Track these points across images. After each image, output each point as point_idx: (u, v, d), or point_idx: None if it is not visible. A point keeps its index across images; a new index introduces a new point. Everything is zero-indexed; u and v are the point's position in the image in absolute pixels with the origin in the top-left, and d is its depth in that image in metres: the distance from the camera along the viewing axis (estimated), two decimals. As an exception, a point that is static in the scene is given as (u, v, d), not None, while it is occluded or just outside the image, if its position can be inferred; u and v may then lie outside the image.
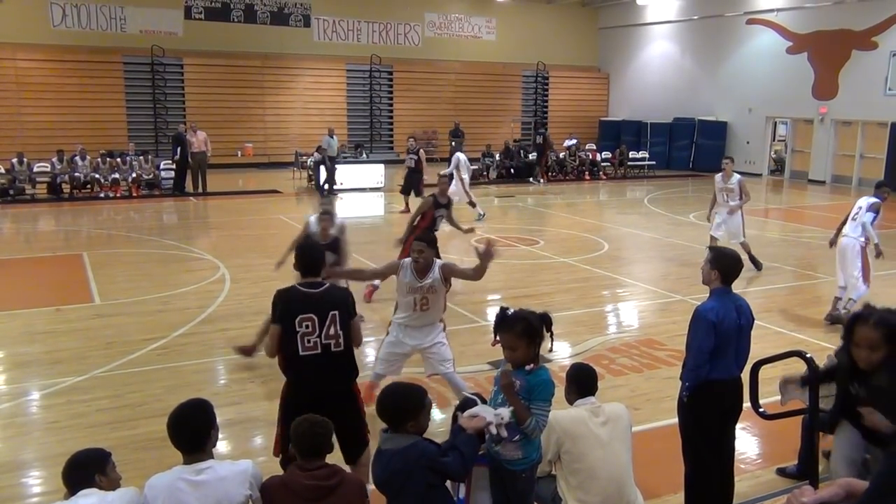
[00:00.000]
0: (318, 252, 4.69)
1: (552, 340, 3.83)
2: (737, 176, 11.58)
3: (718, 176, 11.77)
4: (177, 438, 3.20)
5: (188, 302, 9.58)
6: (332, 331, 4.23)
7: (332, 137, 21.24)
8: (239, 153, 26.14)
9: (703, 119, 27.72)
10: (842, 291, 9.04)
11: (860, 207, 8.99)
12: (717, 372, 4.38)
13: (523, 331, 3.63)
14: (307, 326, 4.19)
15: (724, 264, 4.47)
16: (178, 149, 19.98)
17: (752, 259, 11.42)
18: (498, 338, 3.74)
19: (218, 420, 3.37)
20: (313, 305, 4.24)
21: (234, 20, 26.33)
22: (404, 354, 5.94)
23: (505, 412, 3.46)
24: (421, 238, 5.74)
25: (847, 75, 23.20)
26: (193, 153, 20.04)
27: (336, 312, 4.25)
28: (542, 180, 24.02)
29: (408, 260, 5.68)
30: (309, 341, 4.19)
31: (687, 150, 28.20)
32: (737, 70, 26.86)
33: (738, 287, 4.59)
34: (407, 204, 17.30)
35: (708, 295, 4.53)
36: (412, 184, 17.54)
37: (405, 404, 3.32)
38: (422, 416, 3.33)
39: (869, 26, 22.32)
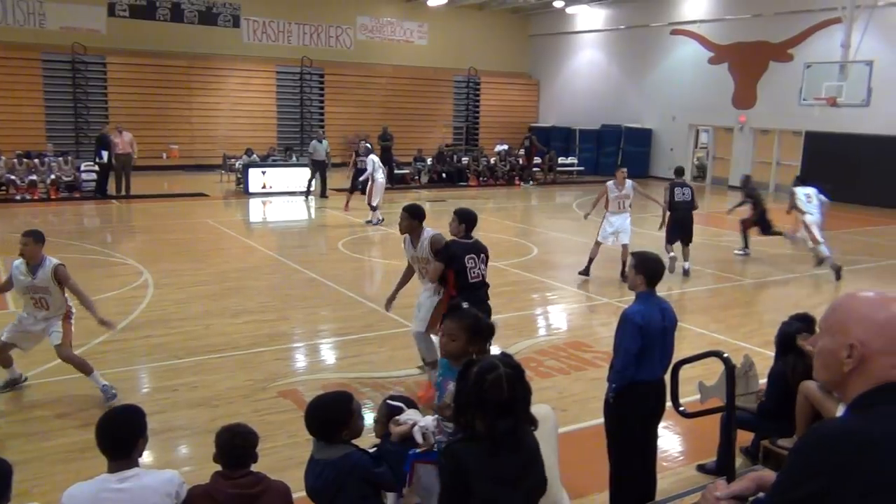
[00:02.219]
0: (474, 214, 6.66)
1: (489, 350, 3.92)
2: (629, 182, 11.58)
3: (611, 183, 11.63)
4: (103, 443, 3.13)
5: (109, 308, 9.22)
6: (482, 267, 6.32)
7: (320, 142, 20.92)
8: (164, 155, 25.46)
9: (629, 126, 28.42)
10: (828, 250, 12.06)
11: (808, 195, 12.38)
12: (642, 373, 4.50)
13: (469, 326, 3.73)
14: (472, 262, 6.23)
15: (648, 268, 4.60)
16: (103, 151, 19.32)
17: (623, 271, 11.19)
18: (442, 325, 3.77)
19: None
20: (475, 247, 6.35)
21: (160, 19, 25.64)
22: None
23: (430, 422, 3.47)
24: (405, 208, 6.71)
25: (765, 86, 24.16)
26: (118, 154, 19.39)
27: (483, 255, 6.40)
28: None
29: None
30: (473, 274, 6.26)
31: (614, 156, 28.86)
32: (661, 79, 27.66)
33: (661, 290, 4.73)
34: (348, 202, 17.92)
35: (634, 298, 4.65)
36: (359, 184, 17.52)
37: (333, 415, 3.30)
38: (352, 422, 3.32)
39: (785, 39, 23.30)
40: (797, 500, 1.70)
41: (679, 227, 11.81)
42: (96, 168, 19.83)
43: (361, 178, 17.01)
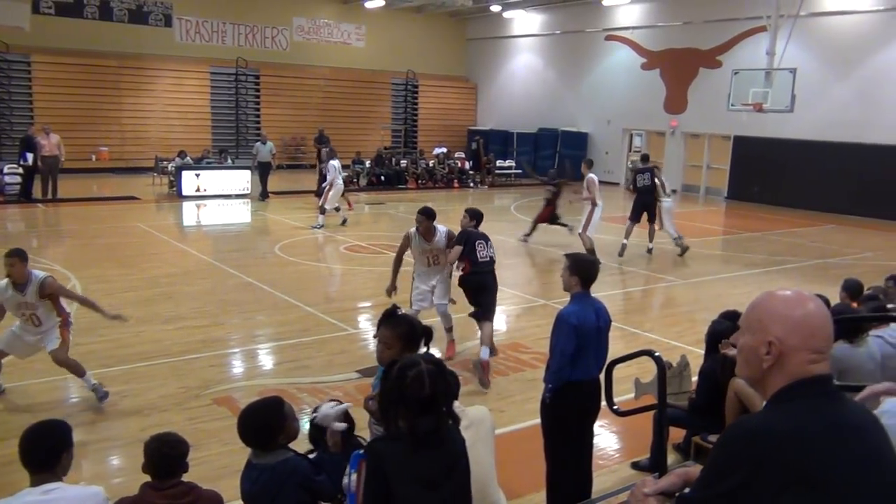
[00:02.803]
0: (481, 212, 8.02)
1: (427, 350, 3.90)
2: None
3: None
4: (26, 456, 3.03)
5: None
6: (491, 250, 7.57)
7: (263, 143, 20.83)
8: (93, 157, 24.69)
9: (565, 130, 28.84)
10: (676, 232, 13.81)
11: (660, 181, 13.97)
12: (577, 373, 4.57)
13: (404, 333, 3.64)
14: (481, 247, 7.45)
15: (582, 269, 4.68)
16: (27, 153, 18.59)
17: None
18: (376, 333, 3.75)
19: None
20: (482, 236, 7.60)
21: (87, 17, 24.83)
22: (428, 290, 7.82)
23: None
24: (420, 211, 7.72)
25: (695, 91, 24.85)
26: (44, 157, 18.65)
27: (489, 241, 7.64)
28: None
29: (412, 230, 7.71)
30: (482, 255, 7.44)
31: (551, 159, 29.23)
32: (597, 83, 28.17)
33: (595, 290, 4.81)
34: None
35: (569, 299, 4.72)
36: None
37: (265, 421, 3.24)
38: (287, 426, 3.27)
39: (714, 46, 24.01)
40: (720, 494, 1.75)
41: (641, 207, 13.76)
42: (20, 171, 19.07)
43: (325, 184, 16.68)
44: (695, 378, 5.54)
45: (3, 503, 2.96)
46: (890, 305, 6.46)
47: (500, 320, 9.89)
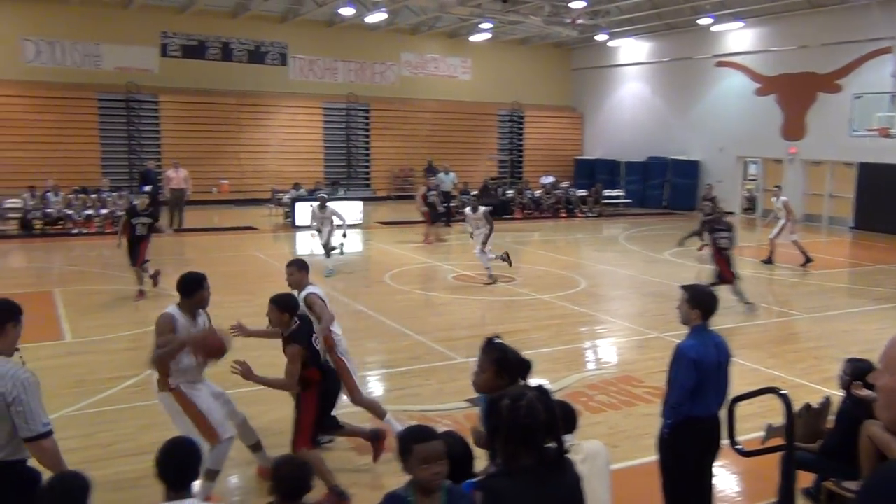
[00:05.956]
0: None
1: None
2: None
3: None
4: (164, 471, 3.17)
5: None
6: None
7: (446, 174, 22.33)
8: (214, 190, 26.03)
9: (675, 158, 28.16)
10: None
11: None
12: (697, 409, 4.39)
13: (496, 360, 3.70)
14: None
15: (702, 301, 4.52)
16: (144, 186, 19.83)
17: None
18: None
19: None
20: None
21: (210, 58, 26.41)
22: None
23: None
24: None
25: (814, 117, 23.76)
26: (173, 189, 19.98)
27: None
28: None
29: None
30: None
31: (660, 188, 28.60)
32: (707, 110, 27.41)
33: (713, 323, 4.63)
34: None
35: (687, 332, 4.56)
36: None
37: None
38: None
39: (833, 70, 22.94)
40: None
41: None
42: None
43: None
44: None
45: None
46: None
47: (612, 352, 9.68)
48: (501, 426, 2.74)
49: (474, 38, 29.23)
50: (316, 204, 14.70)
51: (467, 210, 14.26)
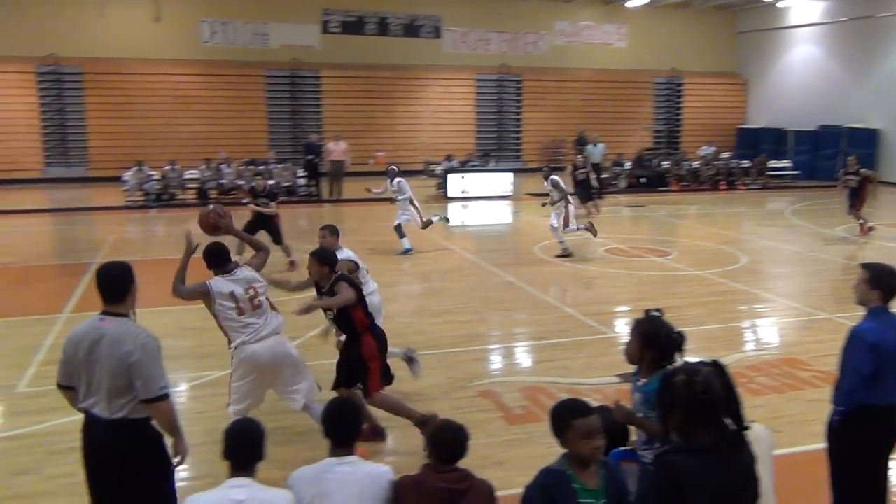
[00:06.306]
0: None
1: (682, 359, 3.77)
2: None
3: None
4: (330, 429, 3.37)
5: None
6: None
7: (594, 146, 22.13)
8: (371, 161, 26.89)
9: (852, 126, 25.98)
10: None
11: None
12: (874, 397, 4.10)
13: (641, 332, 3.79)
14: None
15: (885, 282, 4.18)
16: (308, 156, 20.98)
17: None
18: None
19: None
20: None
21: (367, 33, 27.17)
22: None
23: None
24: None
25: None
26: (333, 161, 20.98)
27: None
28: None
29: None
30: None
31: (833, 158, 26.52)
32: (891, 75, 25.01)
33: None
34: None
35: (864, 314, 4.24)
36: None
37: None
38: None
39: None
40: None
41: None
42: (305, 174, 21.48)
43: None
44: None
45: (307, 469, 3.31)
46: None
47: (774, 333, 9.18)
48: (678, 402, 2.71)
49: (631, 3, 28.22)
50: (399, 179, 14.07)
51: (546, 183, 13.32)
